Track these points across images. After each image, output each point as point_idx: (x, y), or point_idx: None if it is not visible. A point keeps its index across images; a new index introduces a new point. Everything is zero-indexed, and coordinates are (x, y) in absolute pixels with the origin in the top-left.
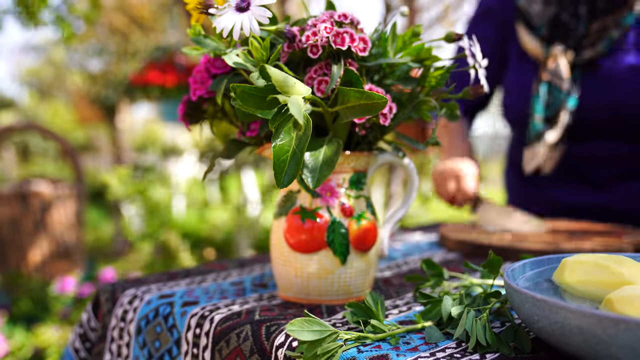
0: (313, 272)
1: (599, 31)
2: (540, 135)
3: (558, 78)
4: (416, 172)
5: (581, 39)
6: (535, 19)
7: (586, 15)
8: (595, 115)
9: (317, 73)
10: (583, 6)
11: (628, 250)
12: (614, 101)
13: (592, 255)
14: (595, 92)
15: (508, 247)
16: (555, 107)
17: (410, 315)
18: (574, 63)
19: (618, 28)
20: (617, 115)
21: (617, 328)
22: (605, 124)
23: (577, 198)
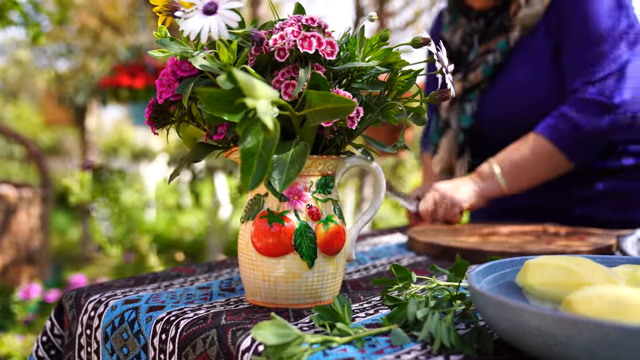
0: (280, 276)
1: (482, 55)
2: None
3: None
4: (384, 176)
5: (469, 65)
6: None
7: (477, 43)
8: (494, 129)
9: (284, 76)
10: (476, 35)
11: (592, 252)
12: (506, 115)
13: (554, 257)
14: (490, 109)
15: (475, 249)
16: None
17: (377, 318)
18: (463, 88)
19: (494, 52)
20: (512, 128)
21: (575, 329)
22: (504, 135)
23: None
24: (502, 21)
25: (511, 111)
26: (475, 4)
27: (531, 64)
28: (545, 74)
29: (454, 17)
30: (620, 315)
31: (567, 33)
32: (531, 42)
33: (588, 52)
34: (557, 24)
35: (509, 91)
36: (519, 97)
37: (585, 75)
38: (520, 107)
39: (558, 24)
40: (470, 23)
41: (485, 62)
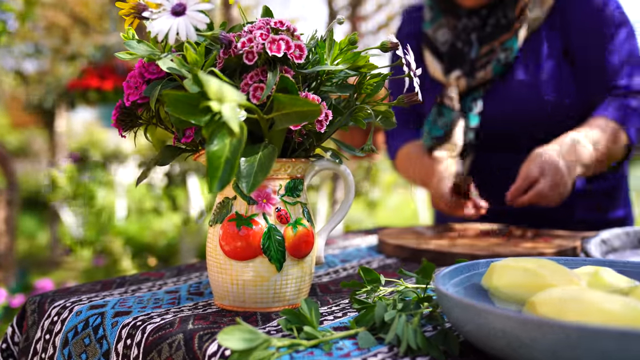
0: (249, 279)
1: (487, 54)
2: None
3: (449, 99)
4: (353, 179)
5: (474, 63)
6: (440, 46)
7: (477, 41)
8: (498, 130)
9: (252, 80)
10: (474, 33)
11: (557, 254)
12: (510, 116)
13: (519, 260)
14: (494, 108)
15: (444, 251)
16: (449, 128)
17: (346, 321)
18: (469, 85)
19: (505, 51)
20: (514, 128)
21: (538, 331)
22: (507, 136)
23: None
24: (499, 20)
25: (516, 112)
26: (467, 2)
27: (536, 65)
28: (550, 75)
29: (436, 14)
30: (581, 316)
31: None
32: (535, 42)
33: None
34: (564, 26)
35: (514, 91)
36: (524, 98)
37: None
38: (525, 108)
39: (564, 26)
40: (461, 20)
41: (497, 60)
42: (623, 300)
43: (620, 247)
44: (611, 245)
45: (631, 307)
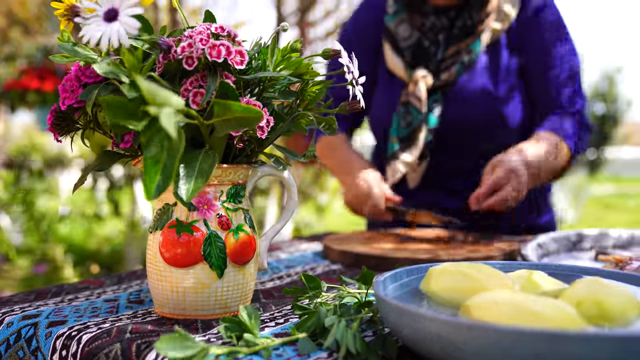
0: (189, 286)
1: (453, 55)
2: (396, 155)
3: (417, 100)
4: (295, 185)
5: (439, 63)
6: (401, 42)
7: (444, 41)
8: (454, 132)
9: (192, 85)
10: (441, 33)
11: (498, 257)
12: (467, 119)
13: (456, 264)
14: (452, 111)
15: (388, 256)
16: (414, 126)
17: (287, 327)
18: (433, 85)
19: (469, 53)
20: (471, 132)
21: (470, 335)
22: (463, 139)
23: (437, 205)
24: (466, 21)
25: (473, 117)
26: (439, 0)
27: (493, 73)
28: (507, 82)
29: (400, 8)
30: (513, 319)
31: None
32: (494, 52)
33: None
34: (519, 45)
35: (472, 96)
36: (481, 104)
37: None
38: (481, 114)
39: (520, 46)
40: (429, 18)
41: (462, 63)
42: (553, 303)
43: (555, 250)
44: (547, 249)
45: (560, 309)
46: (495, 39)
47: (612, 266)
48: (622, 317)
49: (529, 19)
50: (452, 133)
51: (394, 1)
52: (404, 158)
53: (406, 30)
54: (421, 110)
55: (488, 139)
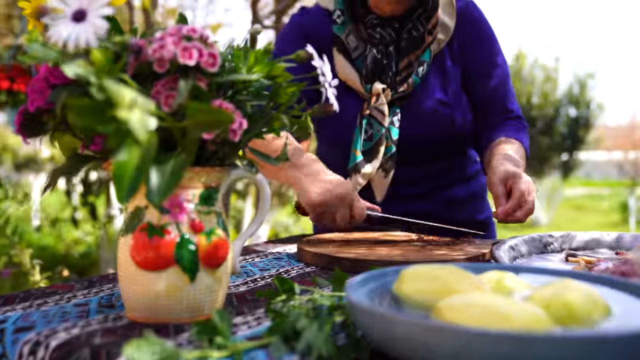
0: (161, 290)
1: (406, 67)
2: (358, 167)
3: (379, 113)
4: (268, 188)
5: (395, 76)
6: (353, 52)
7: (394, 53)
8: (411, 143)
9: (164, 87)
10: (391, 45)
11: (470, 259)
12: (424, 130)
13: (428, 266)
14: (409, 123)
15: (362, 259)
16: (376, 139)
17: (260, 331)
18: (392, 98)
19: (422, 65)
20: (426, 141)
21: (441, 336)
22: (418, 149)
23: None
24: (412, 32)
25: (430, 127)
26: (386, 9)
27: (443, 84)
28: (455, 92)
29: (346, 19)
30: (482, 320)
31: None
32: (440, 62)
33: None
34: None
35: (428, 107)
36: (436, 114)
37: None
38: (438, 125)
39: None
40: (375, 30)
41: (417, 74)
42: (521, 305)
43: (527, 252)
44: (519, 251)
45: (528, 311)
46: (439, 50)
47: (581, 268)
48: (589, 318)
49: (467, 30)
50: (412, 144)
51: (340, 12)
52: (366, 170)
53: (354, 41)
54: (383, 123)
55: (444, 147)
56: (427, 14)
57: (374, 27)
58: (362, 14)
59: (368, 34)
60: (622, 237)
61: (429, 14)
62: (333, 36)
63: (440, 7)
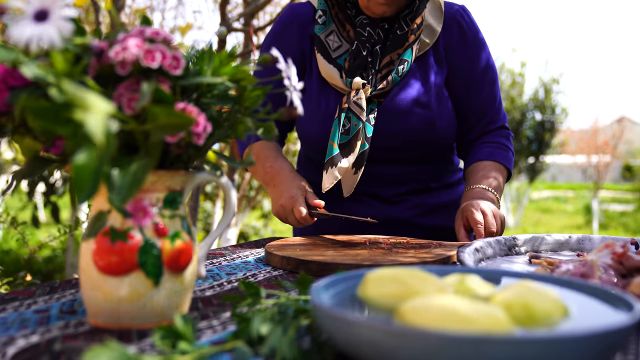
0: (124, 295)
1: (387, 65)
2: (334, 160)
3: (358, 107)
4: (234, 191)
5: (376, 74)
6: (333, 52)
7: (379, 52)
8: (387, 142)
9: (127, 90)
10: (377, 45)
11: (436, 262)
12: (401, 130)
13: (391, 269)
14: (386, 121)
15: (330, 262)
16: (353, 134)
17: (225, 335)
18: (371, 95)
19: (402, 63)
20: (404, 142)
21: (402, 339)
22: (395, 149)
23: (370, 213)
24: (396, 31)
25: (406, 127)
26: (377, 10)
27: (424, 85)
28: (437, 96)
29: (328, 19)
30: (442, 323)
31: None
32: (424, 64)
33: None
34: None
35: (405, 107)
36: (413, 115)
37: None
38: (414, 125)
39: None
40: (364, 29)
41: (397, 72)
42: (481, 307)
43: (492, 254)
44: (484, 253)
45: (487, 313)
46: (424, 52)
47: (543, 269)
48: (548, 319)
49: (454, 34)
50: (386, 142)
51: (322, 12)
52: (342, 164)
53: (335, 41)
54: (361, 118)
55: (419, 148)
56: (412, 14)
57: (363, 26)
58: (351, 14)
59: (356, 32)
60: (584, 239)
61: (415, 15)
62: (313, 36)
63: (428, 10)
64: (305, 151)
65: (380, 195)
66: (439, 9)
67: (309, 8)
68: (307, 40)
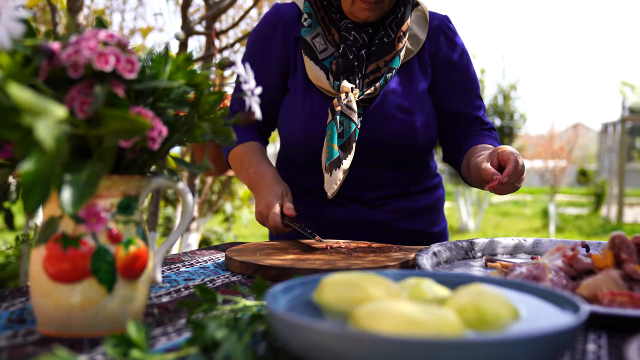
0: (76, 303)
1: (374, 72)
2: (339, 162)
3: (350, 110)
4: (191, 196)
5: (363, 79)
6: (320, 54)
7: (365, 58)
8: (370, 146)
9: (79, 93)
10: (362, 49)
11: (394, 267)
12: (383, 134)
13: (347, 274)
14: (370, 126)
15: (288, 267)
16: (349, 136)
17: (180, 342)
18: (358, 99)
19: (390, 71)
20: (386, 147)
21: (354, 344)
22: (378, 153)
23: (351, 216)
24: (383, 38)
25: (389, 132)
26: (361, 15)
27: (408, 92)
28: (420, 103)
29: (314, 22)
30: (395, 327)
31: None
32: (408, 69)
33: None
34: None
35: (389, 113)
36: (397, 120)
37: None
38: (397, 131)
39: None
40: (349, 33)
41: (384, 79)
42: (434, 311)
43: (450, 258)
44: (441, 257)
45: (439, 317)
46: (408, 60)
47: (498, 272)
48: (499, 322)
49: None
50: (369, 147)
51: (308, 15)
52: (344, 165)
53: (322, 43)
54: (354, 120)
55: (401, 153)
56: (397, 20)
57: (348, 30)
58: (336, 18)
59: (342, 36)
60: (538, 242)
61: (400, 21)
62: (300, 38)
63: (413, 19)
64: (287, 151)
65: (362, 199)
66: (424, 18)
67: (293, 9)
68: (291, 42)
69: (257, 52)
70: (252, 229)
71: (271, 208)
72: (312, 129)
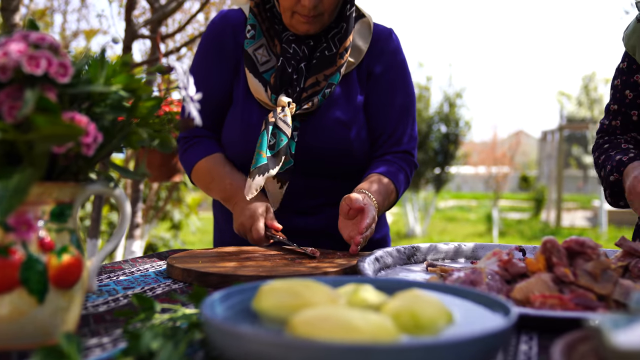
0: (4, 314)
1: (312, 86)
2: (263, 169)
3: (285, 124)
4: (129, 204)
5: (301, 92)
6: (261, 66)
7: (304, 71)
8: (309, 156)
9: (8, 97)
10: (302, 62)
11: (337, 272)
12: (322, 146)
13: (285, 281)
14: (310, 138)
15: (229, 274)
16: (278, 149)
17: (115, 353)
18: (295, 113)
19: (329, 87)
20: (324, 157)
21: (290, 352)
22: (316, 163)
23: (290, 223)
24: (324, 52)
25: (327, 145)
26: (300, 28)
27: (347, 105)
28: (357, 118)
29: (258, 33)
30: (332, 333)
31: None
32: (347, 84)
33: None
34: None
35: (328, 126)
36: (335, 134)
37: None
38: (335, 143)
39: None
40: (290, 46)
41: (323, 94)
42: (370, 317)
43: (392, 263)
44: (384, 262)
45: (375, 323)
46: (348, 72)
47: (437, 277)
48: (433, 326)
49: (378, 57)
50: (308, 159)
51: (251, 26)
52: (271, 173)
53: (264, 55)
54: (287, 134)
55: (338, 165)
56: (340, 35)
57: (289, 42)
58: (280, 29)
59: (282, 48)
60: (477, 247)
61: (344, 36)
62: (242, 48)
63: (357, 30)
64: (229, 156)
65: (301, 207)
66: (368, 29)
67: (240, 15)
68: (239, 48)
69: (210, 57)
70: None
71: (255, 221)
72: (250, 138)
